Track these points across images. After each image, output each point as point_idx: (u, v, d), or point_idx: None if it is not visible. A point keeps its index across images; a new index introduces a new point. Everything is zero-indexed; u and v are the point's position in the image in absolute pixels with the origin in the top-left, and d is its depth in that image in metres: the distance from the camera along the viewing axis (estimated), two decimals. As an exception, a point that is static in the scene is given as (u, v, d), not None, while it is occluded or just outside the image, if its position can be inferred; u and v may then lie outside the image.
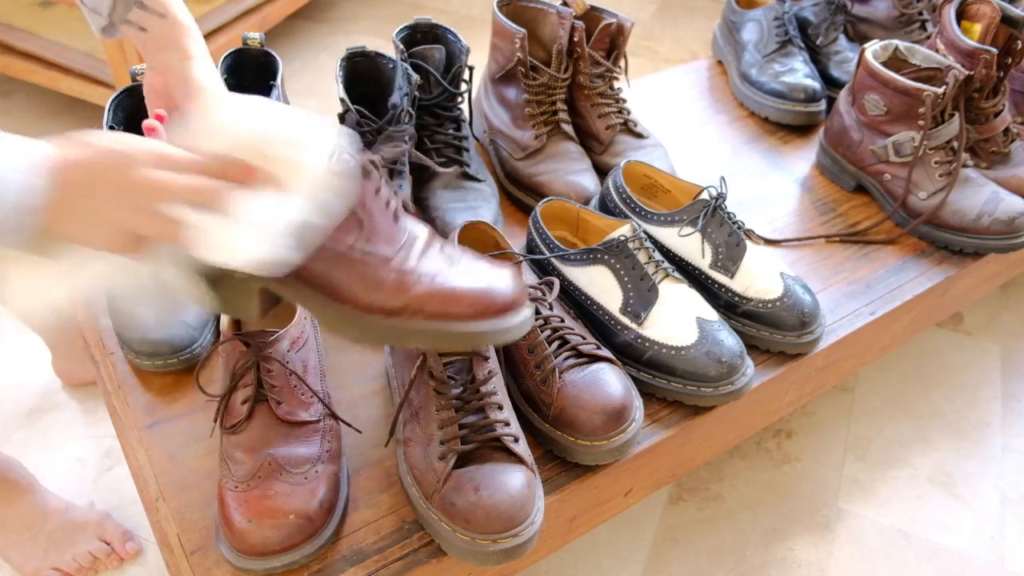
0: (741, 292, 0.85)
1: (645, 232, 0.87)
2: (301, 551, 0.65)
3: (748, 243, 0.87)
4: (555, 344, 0.74)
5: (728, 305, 0.86)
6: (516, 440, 0.67)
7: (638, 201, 0.90)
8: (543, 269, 0.87)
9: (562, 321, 0.76)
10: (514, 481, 0.64)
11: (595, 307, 0.82)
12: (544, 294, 0.77)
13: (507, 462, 0.66)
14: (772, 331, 0.85)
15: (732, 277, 0.86)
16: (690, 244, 0.87)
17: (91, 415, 1.12)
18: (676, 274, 0.82)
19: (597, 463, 0.73)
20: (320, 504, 0.66)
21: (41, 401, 1.14)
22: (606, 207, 0.93)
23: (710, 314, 0.81)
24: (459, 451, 0.65)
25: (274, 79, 0.89)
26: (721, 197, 0.86)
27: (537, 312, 0.76)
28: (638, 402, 0.76)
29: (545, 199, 0.89)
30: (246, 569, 0.64)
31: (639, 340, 0.79)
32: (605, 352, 0.75)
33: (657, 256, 0.82)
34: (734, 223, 0.87)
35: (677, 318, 0.79)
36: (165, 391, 0.79)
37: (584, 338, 0.76)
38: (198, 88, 0.67)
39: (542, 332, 0.74)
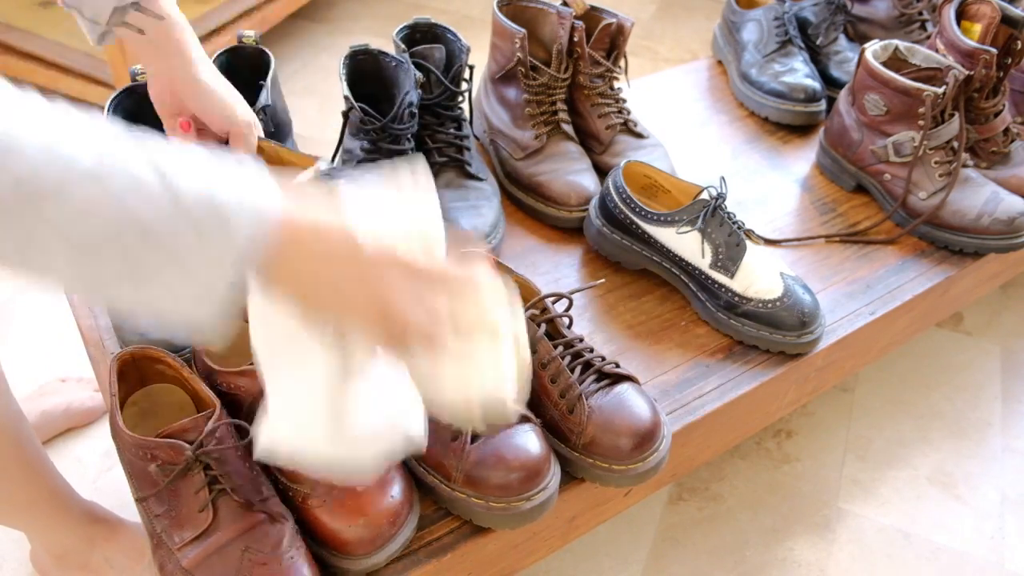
0: (741, 292, 0.85)
1: (647, 231, 0.88)
2: None
3: (748, 243, 0.87)
4: (577, 370, 0.72)
5: (728, 305, 0.86)
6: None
7: (638, 201, 0.90)
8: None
9: (581, 341, 0.74)
10: (529, 438, 0.67)
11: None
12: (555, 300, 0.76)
13: (515, 424, 0.68)
14: (772, 331, 0.85)
15: (732, 277, 0.86)
16: (690, 244, 0.87)
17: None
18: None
19: (632, 486, 0.72)
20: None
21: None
22: (606, 207, 0.93)
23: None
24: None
25: (263, 78, 0.88)
26: (721, 197, 0.86)
27: (554, 336, 0.74)
28: (664, 417, 0.75)
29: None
30: None
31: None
32: (625, 370, 0.74)
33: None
34: (734, 223, 0.87)
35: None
36: (165, 391, 0.79)
37: (603, 358, 0.74)
38: (207, 91, 0.68)
39: (563, 359, 0.72)
